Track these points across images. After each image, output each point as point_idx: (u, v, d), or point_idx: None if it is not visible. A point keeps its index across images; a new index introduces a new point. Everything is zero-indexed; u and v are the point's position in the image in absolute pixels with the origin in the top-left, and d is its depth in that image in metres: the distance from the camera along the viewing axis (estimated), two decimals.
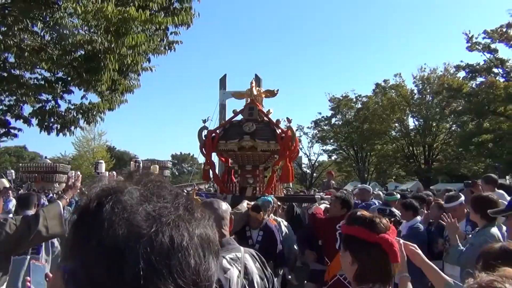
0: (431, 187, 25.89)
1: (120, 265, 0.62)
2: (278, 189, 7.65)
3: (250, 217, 5.07)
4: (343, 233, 1.97)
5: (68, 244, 0.70)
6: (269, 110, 7.59)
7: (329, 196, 6.43)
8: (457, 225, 3.82)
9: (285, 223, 6.29)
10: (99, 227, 0.65)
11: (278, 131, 7.11)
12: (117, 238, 0.63)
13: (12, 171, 27.47)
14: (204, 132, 7.27)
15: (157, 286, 0.63)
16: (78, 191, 4.98)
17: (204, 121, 7.37)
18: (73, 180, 3.52)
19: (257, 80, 15.31)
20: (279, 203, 6.78)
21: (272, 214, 5.87)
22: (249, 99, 7.57)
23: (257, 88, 7.87)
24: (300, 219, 7.21)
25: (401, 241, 2.05)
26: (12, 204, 9.10)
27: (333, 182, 13.05)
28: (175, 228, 0.67)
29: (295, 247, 5.82)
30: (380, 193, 9.76)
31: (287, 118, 7.43)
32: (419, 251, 2.12)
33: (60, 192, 16.76)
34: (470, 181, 11.29)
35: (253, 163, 7.32)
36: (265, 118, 7.34)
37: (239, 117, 7.50)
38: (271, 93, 7.87)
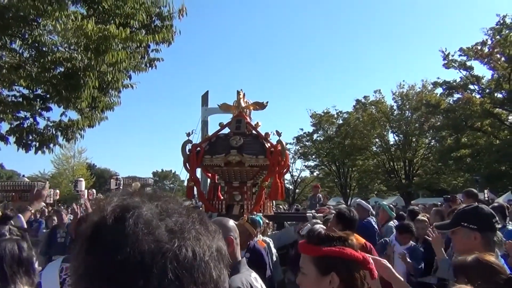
0: (412, 202, 26.25)
1: (148, 280, 0.63)
2: (267, 207, 7.18)
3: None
4: (313, 255, 1.77)
5: (83, 260, 0.68)
6: (257, 122, 7.19)
7: (321, 215, 6.18)
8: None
9: (272, 245, 5.81)
10: (124, 243, 0.64)
11: (267, 145, 6.72)
12: (143, 254, 0.64)
13: None
14: (188, 146, 6.86)
15: None
16: (84, 206, 4.87)
17: (188, 135, 6.98)
18: (40, 189, 3.39)
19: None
20: (267, 221, 6.29)
21: (260, 235, 5.44)
22: (236, 111, 7.13)
23: (245, 100, 7.48)
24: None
25: (371, 256, 2.06)
26: None
27: (320, 195, 12.61)
28: (196, 242, 0.68)
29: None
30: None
31: (277, 131, 6.92)
32: (389, 265, 2.15)
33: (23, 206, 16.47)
34: (449, 196, 11.46)
35: (240, 179, 6.89)
36: (253, 132, 6.95)
37: (226, 130, 7.05)
38: (260, 106, 7.47)
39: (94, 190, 31.61)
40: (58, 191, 31.04)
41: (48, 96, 8.74)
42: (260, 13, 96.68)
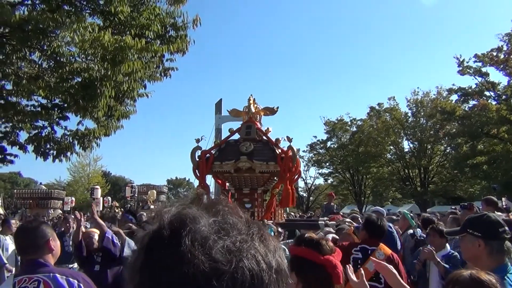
0: (427, 210, 25.95)
1: None
2: (278, 214, 6.97)
3: None
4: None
5: (139, 270, 0.66)
6: (267, 128, 7.01)
7: (334, 222, 6.01)
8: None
9: (287, 253, 5.81)
10: (179, 261, 0.61)
11: (278, 151, 6.58)
12: (199, 274, 0.60)
13: None
14: (198, 153, 6.76)
15: None
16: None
17: (198, 141, 6.81)
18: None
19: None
20: (280, 229, 6.06)
21: None
22: (246, 117, 7.00)
23: (256, 105, 7.29)
24: None
25: (375, 261, 2.12)
26: None
27: (334, 204, 12.52)
28: (255, 263, 0.64)
29: None
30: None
31: (287, 137, 6.75)
32: (393, 270, 2.19)
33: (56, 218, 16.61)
34: (466, 204, 11.30)
35: (251, 185, 6.72)
36: (264, 137, 6.84)
37: (236, 136, 6.97)
38: (270, 111, 7.26)
39: (109, 198, 32.05)
40: (73, 198, 31.50)
41: (65, 105, 8.95)
42: (273, 20, 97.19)
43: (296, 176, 7.56)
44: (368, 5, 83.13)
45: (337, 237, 4.90)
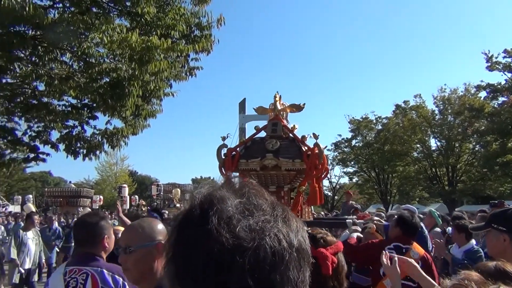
0: (456, 209, 25.44)
1: (226, 275, 0.64)
2: (305, 213, 6.83)
3: None
4: None
5: (172, 245, 0.72)
6: (294, 125, 6.90)
7: (362, 221, 5.97)
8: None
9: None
10: (207, 237, 0.66)
11: (304, 148, 6.41)
12: (224, 251, 0.65)
13: (30, 196, 28.14)
14: (224, 151, 6.64)
15: None
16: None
17: (224, 139, 6.78)
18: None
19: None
20: (305, 228, 6.17)
21: None
22: (272, 114, 6.87)
23: (282, 102, 7.17)
24: None
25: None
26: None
27: (353, 202, 12.51)
28: (277, 241, 0.68)
29: None
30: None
31: (314, 133, 6.59)
32: (415, 264, 2.20)
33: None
34: (496, 202, 11.04)
35: (277, 183, 6.61)
36: (290, 135, 6.65)
37: (262, 134, 6.78)
38: (297, 108, 7.12)
39: (136, 196, 32.65)
40: (102, 197, 32.20)
41: (94, 105, 9.20)
42: (297, 18, 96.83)
43: (324, 174, 7.28)
44: (393, 2, 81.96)
45: (361, 236, 4.81)
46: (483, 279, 1.02)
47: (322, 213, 17.15)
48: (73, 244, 10.81)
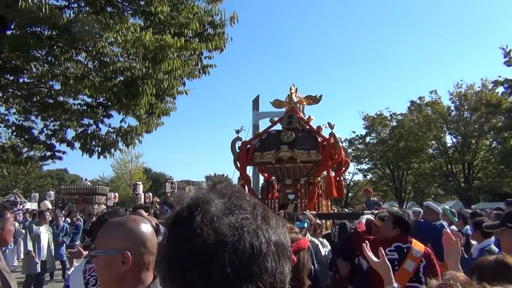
0: (472, 206, 25.09)
1: (210, 268, 0.72)
2: (322, 205, 6.74)
3: None
4: None
5: (164, 246, 0.81)
6: (309, 116, 6.84)
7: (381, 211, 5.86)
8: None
9: (328, 246, 5.35)
10: (192, 235, 0.75)
11: (320, 139, 6.37)
12: (207, 246, 0.73)
13: (52, 192, 28.58)
14: (238, 144, 6.67)
15: (240, 287, 0.72)
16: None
17: (238, 132, 6.73)
18: None
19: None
20: (318, 221, 5.69)
21: (308, 235, 4.98)
22: (288, 106, 6.77)
23: (297, 94, 7.08)
24: None
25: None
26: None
27: (374, 199, 12.26)
28: (255, 237, 0.75)
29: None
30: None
31: (329, 123, 6.42)
32: (387, 265, 2.18)
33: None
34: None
35: (293, 176, 6.56)
36: (306, 127, 6.61)
37: (278, 127, 6.78)
38: (313, 100, 7.02)
39: (150, 194, 32.93)
40: (117, 194, 32.58)
41: (109, 104, 9.30)
42: (310, 15, 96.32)
43: (345, 166, 7.18)
44: None
45: (372, 218, 4.59)
46: (469, 280, 1.02)
47: (346, 210, 16.78)
48: (77, 243, 11.05)
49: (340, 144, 6.85)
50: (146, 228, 1.70)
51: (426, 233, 4.94)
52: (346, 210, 14.48)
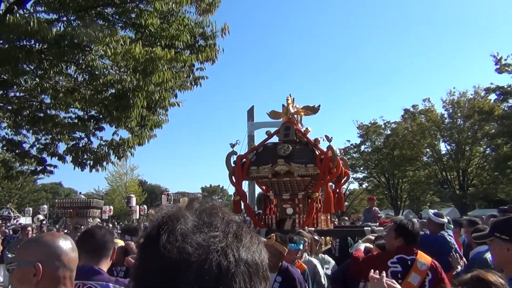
0: (468, 213, 25.08)
1: (174, 287, 0.71)
2: (320, 221, 6.53)
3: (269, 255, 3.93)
4: None
5: (135, 264, 0.80)
6: (307, 128, 6.63)
7: (382, 228, 5.60)
8: None
9: (330, 262, 5.16)
10: (157, 254, 0.74)
11: (317, 152, 6.14)
12: (171, 265, 0.72)
13: (45, 206, 28.28)
14: (233, 158, 6.46)
15: None
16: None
17: (233, 145, 6.55)
18: None
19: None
20: (316, 237, 5.49)
21: (305, 254, 4.81)
22: (285, 118, 6.56)
23: (295, 105, 6.80)
24: None
25: (385, 279, 2.07)
26: None
27: (377, 208, 12.05)
28: (223, 256, 0.73)
29: None
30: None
31: (326, 136, 6.23)
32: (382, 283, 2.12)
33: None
34: (506, 207, 10.80)
35: (291, 190, 6.28)
36: (304, 139, 6.40)
37: (275, 139, 6.55)
38: (311, 110, 6.78)
39: (145, 206, 32.72)
40: (112, 207, 32.31)
41: (100, 116, 9.23)
42: (303, 25, 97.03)
43: (345, 178, 7.10)
44: (401, 6, 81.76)
45: (371, 246, 4.41)
46: None
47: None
48: None
49: (339, 156, 6.68)
50: (64, 243, 1.73)
51: (430, 244, 4.83)
52: (346, 219, 14.32)
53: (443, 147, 37.36)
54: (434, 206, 38.91)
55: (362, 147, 41.74)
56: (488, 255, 3.39)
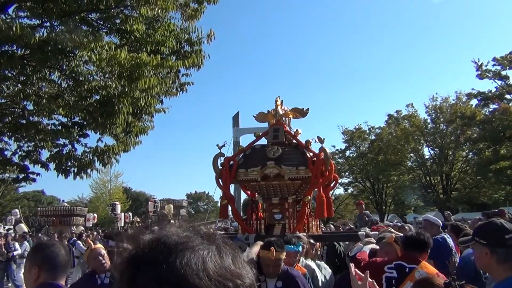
0: (452, 217, 25.35)
1: None
2: (312, 226, 6.36)
3: (262, 261, 3.71)
4: None
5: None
6: (297, 130, 6.40)
7: (376, 232, 5.53)
8: None
9: (327, 269, 5.10)
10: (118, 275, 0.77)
11: (309, 154, 5.93)
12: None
13: (17, 210, 27.32)
14: (221, 160, 6.20)
15: None
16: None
17: (220, 147, 6.29)
18: None
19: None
20: (312, 241, 5.46)
21: (302, 258, 4.74)
22: (273, 120, 6.33)
23: (283, 107, 6.60)
24: (345, 260, 5.79)
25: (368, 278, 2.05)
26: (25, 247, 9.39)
27: (367, 212, 12.03)
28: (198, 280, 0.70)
29: None
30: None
31: (318, 137, 5.98)
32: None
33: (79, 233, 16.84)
34: (497, 210, 10.77)
35: (281, 194, 6.05)
36: (293, 141, 6.19)
37: (263, 141, 6.31)
38: (300, 113, 6.56)
39: (130, 213, 32.33)
40: (96, 215, 31.86)
41: (85, 123, 9.09)
42: (287, 31, 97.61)
43: (334, 183, 6.79)
44: (384, 11, 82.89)
45: (377, 247, 4.38)
46: None
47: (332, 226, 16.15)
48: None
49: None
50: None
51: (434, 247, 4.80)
52: (331, 225, 14.21)
53: (426, 151, 37.90)
54: (418, 210, 39.34)
55: (347, 152, 41.98)
56: None
